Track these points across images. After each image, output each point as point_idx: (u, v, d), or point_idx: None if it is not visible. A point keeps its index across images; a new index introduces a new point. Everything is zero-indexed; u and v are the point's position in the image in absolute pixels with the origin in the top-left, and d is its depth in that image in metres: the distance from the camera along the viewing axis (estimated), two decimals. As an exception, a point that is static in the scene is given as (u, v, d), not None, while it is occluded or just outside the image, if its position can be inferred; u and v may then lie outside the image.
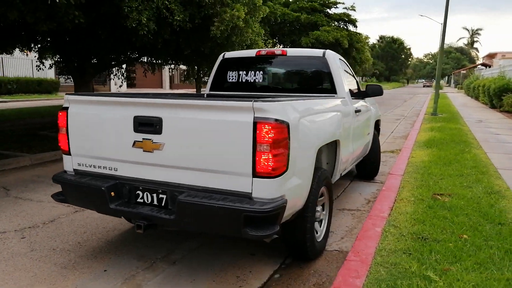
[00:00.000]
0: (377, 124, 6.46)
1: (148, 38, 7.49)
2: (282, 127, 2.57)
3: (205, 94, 5.07)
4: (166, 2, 7.21)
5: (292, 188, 2.76)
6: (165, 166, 2.82)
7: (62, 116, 3.18)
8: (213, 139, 2.63)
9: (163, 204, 2.88)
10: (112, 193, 2.97)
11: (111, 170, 3.05)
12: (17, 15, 6.12)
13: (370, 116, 5.58)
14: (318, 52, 4.54)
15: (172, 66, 12.51)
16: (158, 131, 2.78)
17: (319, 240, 3.51)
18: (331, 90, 4.43)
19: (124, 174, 3.00)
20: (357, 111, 4.65)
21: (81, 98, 3.12)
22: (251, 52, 4.86)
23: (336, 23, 27.12)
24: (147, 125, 2.81)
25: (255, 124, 2.50)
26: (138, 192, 2.97)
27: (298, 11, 25.14)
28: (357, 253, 3.27)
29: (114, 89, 32.89)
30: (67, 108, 3.17)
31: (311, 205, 3.16)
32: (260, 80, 4.82)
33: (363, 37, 29.94)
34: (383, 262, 3.07)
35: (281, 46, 27.81)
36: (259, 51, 4.80)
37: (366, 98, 5.77)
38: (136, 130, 2.85)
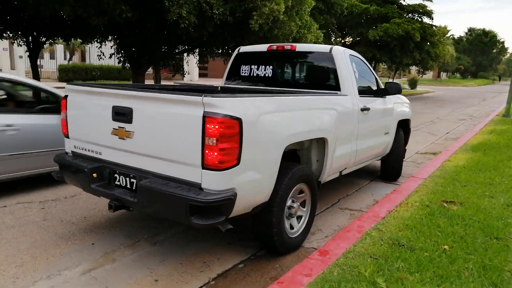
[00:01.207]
0: (406, 124, 6.17)
1: (190, 31, 7.85)
2: (232, 123, 2.66)
3: (219, 87, 5.26)
4: (207, -3, 7.50)
5: (247, 182, 2.84)
6: (135, 153, 3.07)
7: (63, 103, 3.57)
8: (171, 130, 2.81)
9: (134, 188, 3.14)
10: (94, 174, 3.29)
11: (97, 154, 3.38)
12: (70, 11, 6.80)
13: (390, 116, 5.36)
14: (325, 48, 4.49)
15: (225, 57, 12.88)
16: (130, 121, 3.02)
17: (294, 235, 3.55)
18: (336, 87, 4.37)
19: (106, 158, 3.31)
20: (365, 109, 4.51)
21: (76, 88, 3.48)
22: (263, 47, 4.93)
23: (410, 14, 25.64)
24: (121, 115, 3.07)
25: (204, 118, 2.63)
26: (116, 175, 3.26)
27: (368, 3, 24.19)
28: (323, 252, 3.26)
29: (187, 79, 34.44)
30: (67, 96, 3.56)
31: (278, 200, 3.21)
32: (270, 75, 4.88)
33: (441, 29, 28.01)
34: (343, 263, 3.04)
35: (349, 39, 27.05)
36: (271, 46, 4.86)
37: (393, 98, 5.59)
38: (114, 118, 3.13)
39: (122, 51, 10.98)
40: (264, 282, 3.02)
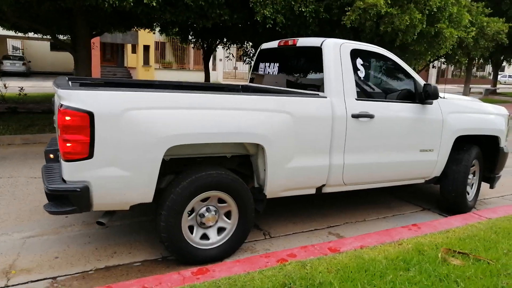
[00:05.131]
0: (491, 142, 4.62)
1: (278, 31, 7.75)
2: (80, 115, 2.67)
3: (240, 86, 5.11)
4: (294, -6, 7.23)
5: (107, 178, 2.79)
6: (59, 140, 3.41)
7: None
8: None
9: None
10: (51, 155, 3.79)
11: (60, 138, 3.87)
12: (170, 17, 7.70)
13: (436, 128, 4.10)
14: (317, 41, 3.82)
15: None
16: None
17: (208, 247, 3.25)
18: (320, 86, 3.70)
19: (60, 142, 3.77)
20: (363, 116, 3.65)
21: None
22: (275, 43, 4.55)
23: None
24: (56, 106, 3.45)
25: (59, 109, 2.74)
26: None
27: None
28: (203, 271, 2.86)
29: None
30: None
31: (169, 204, 3.01)
32: (276, 72, 4.47)
33: None
34: (203, 285, 2.63)
35: None
36: (280, 41, 4.44)
37: (458, 104, 4.38)
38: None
39: (252, 52, 11.62)
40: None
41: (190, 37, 15.20)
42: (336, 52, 3.68)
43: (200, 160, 3.48)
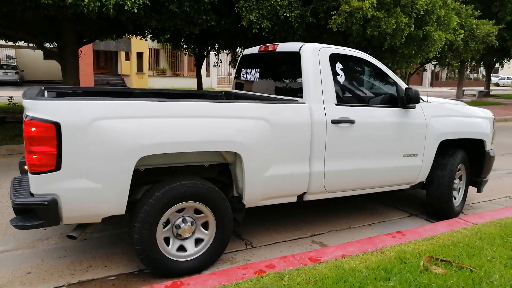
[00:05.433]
0: (477, 146, 4.57)
1: (264, 36, 7.70)
2: (46, 126, 2.59)
3: (223, 93, 5.05)
4: (279, 0, 7.18)
5: (76, 190, 2.70)
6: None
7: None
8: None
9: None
10: (26, 167, 3.69)
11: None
12: (156, 23, 7.64)
13: (419, 132, 4.04)
14: (295, 46, 3.77)
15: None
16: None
17: (185, 259, 3.16)
18: (300, 92, 3.64)
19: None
20: (344, 121, 3.58)
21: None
22: (256, 49, 4.49)
23: None
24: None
25: (24, 121, 2.66)
26: (34, 169, 3.58)
27: None
28: (177, 284, 2.78)
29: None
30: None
31: (143, 216, 2.92)
32: (257, 78, 4.41)
33: None
34: (170, 302, 2.54)
35: None
36: (261, 47, 4.38)
37: (444, 108, 4.36)
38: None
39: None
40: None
41: (181, 44, 15.14)
42: (314, 57, 3.62)
43: (177, 169, 3.40)
